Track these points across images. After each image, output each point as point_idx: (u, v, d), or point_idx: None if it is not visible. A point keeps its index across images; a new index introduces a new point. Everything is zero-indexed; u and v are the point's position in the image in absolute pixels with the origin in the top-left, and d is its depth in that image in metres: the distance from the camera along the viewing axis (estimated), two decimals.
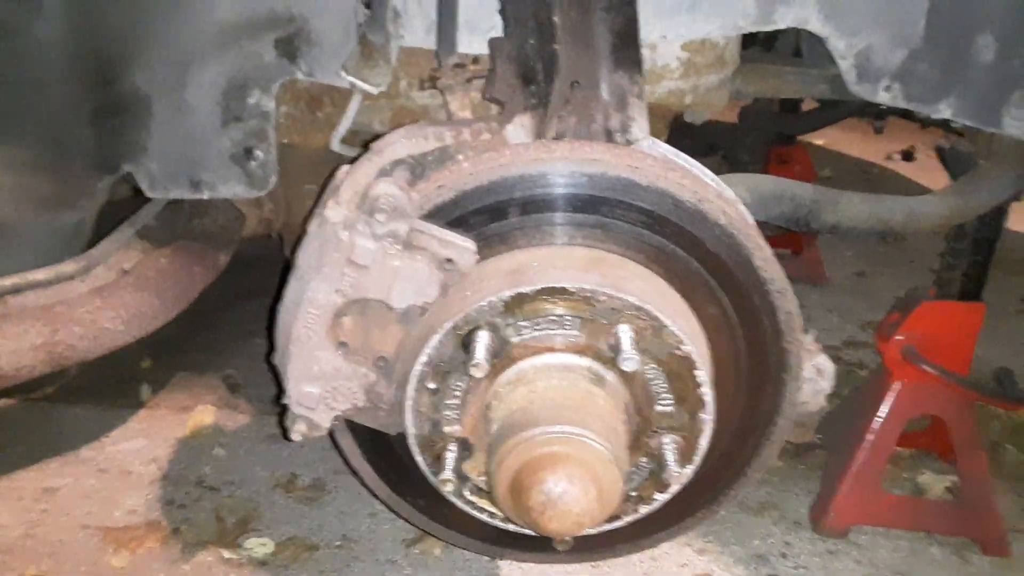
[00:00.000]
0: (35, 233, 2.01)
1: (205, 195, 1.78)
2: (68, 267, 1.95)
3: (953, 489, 2.22)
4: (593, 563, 1.93)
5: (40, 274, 1.91)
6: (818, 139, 5.18)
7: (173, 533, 2.10)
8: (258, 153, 1.73)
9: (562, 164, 1.24)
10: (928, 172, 4.92)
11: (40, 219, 2.00)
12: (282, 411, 1.29)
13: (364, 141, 2.11)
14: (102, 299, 1.92)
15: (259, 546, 2.05)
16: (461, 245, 1.20)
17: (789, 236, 3.39)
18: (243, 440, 2.51)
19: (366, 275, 1.19)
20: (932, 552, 2.06)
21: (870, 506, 2.07)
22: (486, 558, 1.94)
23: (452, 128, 1.34)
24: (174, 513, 2.18)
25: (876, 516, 2.09)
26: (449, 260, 1.20)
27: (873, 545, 2.07)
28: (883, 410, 2.05)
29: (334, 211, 1.20)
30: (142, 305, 1.98)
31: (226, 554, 2.03)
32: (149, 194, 1.82)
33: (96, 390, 2.68)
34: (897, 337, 2.05)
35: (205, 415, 2.61)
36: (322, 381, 1.24)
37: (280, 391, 1.28)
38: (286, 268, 2.41)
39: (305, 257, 1.21)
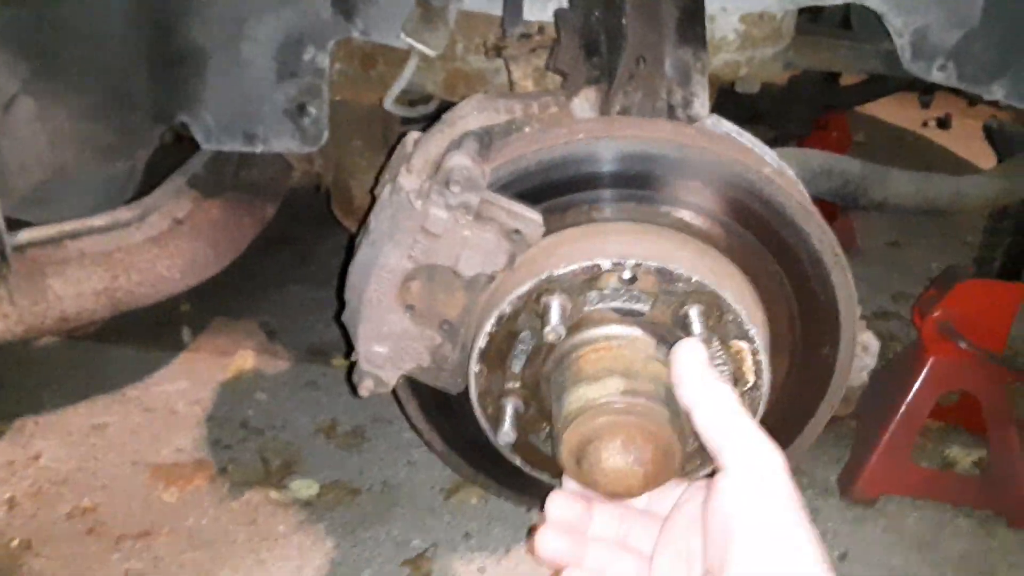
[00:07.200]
0: (91, 180, 2.06)
1: (258, 149, 1.80)
2: (124, 214, 2.00)
3: (980, 463, 2.27)
4: None
5: (98, 220, 1.96)
6: None
7: (220, 472, 2.18)
8: (311, 109, 1.75)
9: (635, 143, 1.26)
10: (963, 141, 4.84)
11: (98, 166, 2.04)
12: (350, 367, 1.34)
13: (411, 100, 2.14)
14: (159, 247, 1.97)
15: (304, 488, 2.13)
16: (529, 217, 1.23)
17: (822, 203, 3.37)
18: (283, 386, 2.58)
19: (437, 243, 1.22)
20: (958, 523, 2.11)
21: (899, 476, 2.12)
22: (522, 508, 2.01)
23: (521, 101, 1.36)
24: (220, 453, 2.27)
25: (905, 486, 2.14)
26: (517, 231, 1.23)
27: (900, 514, 2.13)
28: (917, 384, 2.08)
29: (408, 180, 1.23)
30: (196, 254, 2.04)
31: (272, 494, 2.11)
32: (204, 146, 1.85)
33: (137, 332, 2.74)
34: (934, 314, 2.09)
35: (246, 360, 2.68)
36: (390, 341, 1.29)
37: (349, 348, 1.33)
38: (331, 222, 2.46)
39: (378, 223, 1.25)
